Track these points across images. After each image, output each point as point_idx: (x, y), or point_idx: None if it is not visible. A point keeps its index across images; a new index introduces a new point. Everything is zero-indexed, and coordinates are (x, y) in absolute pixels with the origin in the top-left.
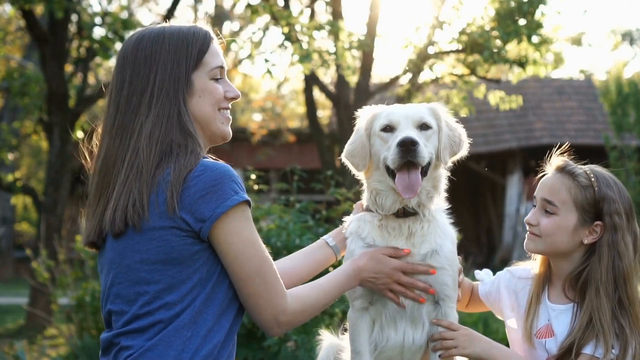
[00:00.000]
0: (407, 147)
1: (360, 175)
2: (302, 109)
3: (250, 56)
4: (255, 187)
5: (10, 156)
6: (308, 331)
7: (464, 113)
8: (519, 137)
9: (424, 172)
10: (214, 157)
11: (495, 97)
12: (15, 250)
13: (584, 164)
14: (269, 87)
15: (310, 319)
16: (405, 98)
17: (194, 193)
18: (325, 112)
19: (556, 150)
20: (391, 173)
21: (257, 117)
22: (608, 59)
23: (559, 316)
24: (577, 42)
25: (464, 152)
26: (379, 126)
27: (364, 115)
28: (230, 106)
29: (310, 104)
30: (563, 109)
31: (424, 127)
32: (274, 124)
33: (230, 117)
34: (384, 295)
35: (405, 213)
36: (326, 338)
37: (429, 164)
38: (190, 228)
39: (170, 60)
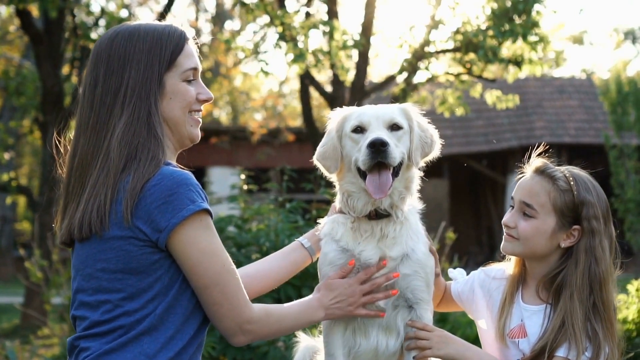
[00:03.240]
0: (378, 148)
1: (332, 178)
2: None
3: (246, 57)
4: (245, 187)
5: (7, 155)
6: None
7: (460, 112)
8: (519, 136)
9: (396, 173)
10: (176, 164)
11: (492, 96)
12: (15, 250)
13: (559, 164)
14: (269, 86)
15: (273, 336)
16: (401, 97)
17: (150, 203)
18: (327, 112)
19: (535, 151)
20: (362, 174)
21: (258, 116)
22: (610, 58)
23: (532, 317)
24: (578, 40)
25: (436, 153)
26: (349, 127)
27: (335, 117)
28: (202, 108)
29: (306, 104)
30: (564, 108)
31: (395, 127)
32: (274, 123)
33: (200, 119)
34: (359, 316)
35: (377, 215)
36: (302, 340)
37: (400, 164)
38: (148, 238)
39: (144, 61)
